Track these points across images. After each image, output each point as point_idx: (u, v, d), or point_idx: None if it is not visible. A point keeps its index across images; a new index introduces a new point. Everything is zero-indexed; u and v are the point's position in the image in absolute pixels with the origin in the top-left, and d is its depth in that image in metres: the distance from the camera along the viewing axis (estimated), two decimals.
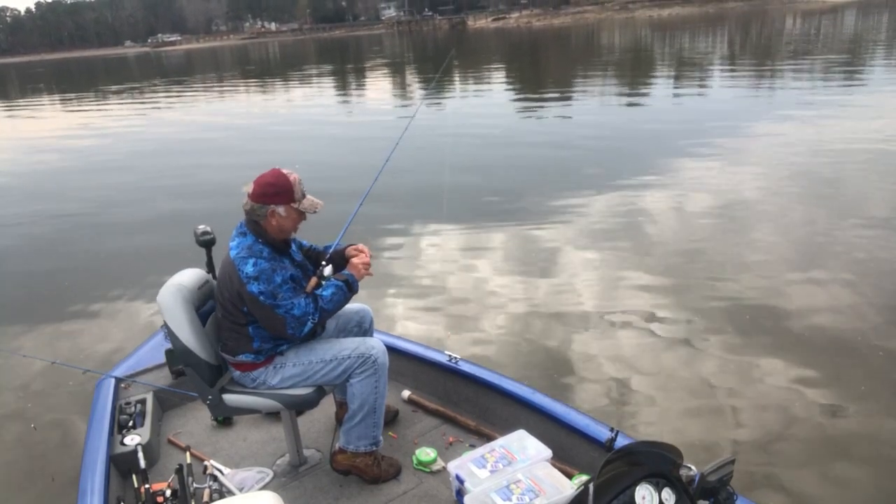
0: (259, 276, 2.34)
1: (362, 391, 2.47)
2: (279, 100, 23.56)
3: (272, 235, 2.44)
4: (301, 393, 2.49)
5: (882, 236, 5.77)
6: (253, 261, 2.36)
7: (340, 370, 2.47)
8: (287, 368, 2.49)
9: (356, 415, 2.52)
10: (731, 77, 18.66)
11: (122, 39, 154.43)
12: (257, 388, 2.52)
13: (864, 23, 37.65)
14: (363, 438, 2.56)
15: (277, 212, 2.39)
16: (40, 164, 13.02)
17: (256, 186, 2.38)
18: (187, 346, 2.44)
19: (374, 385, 2.48)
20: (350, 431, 2.56)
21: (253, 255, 2.37)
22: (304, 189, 2.43)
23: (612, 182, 8.06)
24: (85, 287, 6.00)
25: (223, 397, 2.52)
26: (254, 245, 2.40)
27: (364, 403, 2.49)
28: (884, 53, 21.76)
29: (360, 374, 2.46)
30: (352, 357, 2.46)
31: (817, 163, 8.29)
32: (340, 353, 2.47)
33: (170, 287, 2.47)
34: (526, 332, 4.50)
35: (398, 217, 7.30)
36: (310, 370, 2.48)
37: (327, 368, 2.47)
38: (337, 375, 2.48)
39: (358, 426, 2.54)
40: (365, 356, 2.46)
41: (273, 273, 2.36)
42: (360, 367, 2.46)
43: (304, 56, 55.20)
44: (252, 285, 2.34)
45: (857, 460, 3.07)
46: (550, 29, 64.06)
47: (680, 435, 3.26)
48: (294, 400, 2.50)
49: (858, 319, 4.35)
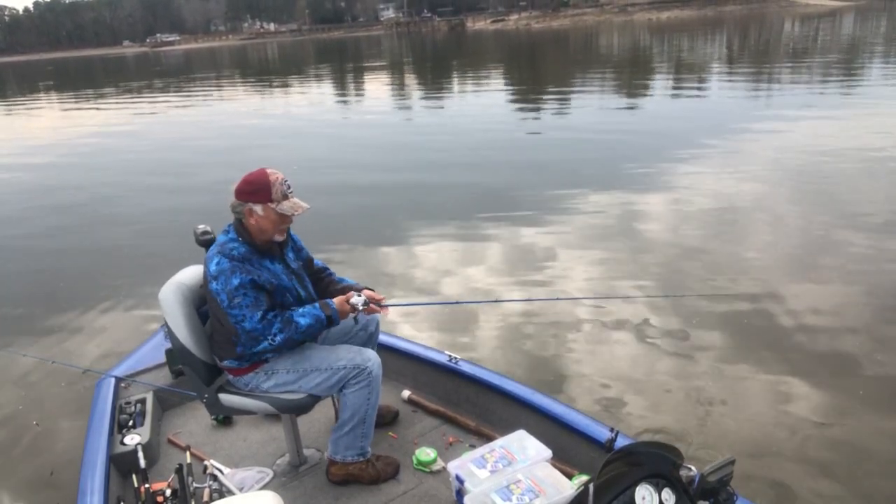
0: (218, 276, 2.30)
1: (355, 402, 2.44)
2: (279, 100, 23.56)
3: (254, 235, 2.39)
4: (294, 398, 2.47)
5: (880, 239, 5.79)
6: (217, 259, 2.32)
7: (335, 380, 2.43)
8: (280, 374, 2.47)
9: (346, 424, 2.49)
10: (729, 80, 18.69)
11: (121, 39, 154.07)
12: (251, 391, 2.51)
13: (863, 27, 37.74)
14: (350, 449, 2.54)
15: (255, 211, 2.34)
16: (38, 163, 12.99)
17: (238, 183, 2.37)
18: (185, 344, 2.44)
19: (367, 396, 2.45)
20: (338, 441, 2.54)
21: (221, 252, 2.33)
22: (287, 190, 2.36)
23: (610, 183, 8.07)
24: (85, 286, 6.00)
25: (219, 396, 2.52)
26: (228, 242, 2.36)
27: (355, 414, 2.47)
28: (881, 57, 21.82)
29: (354, 385, 2.42)
30: (347, 368, 2.42)
31: (815, 164, 8.31)
32: (336, 363, 2.42)
33: (171, 285, 2.47)
34: (525, 333, 4.50)
35: (397, 217, 7.32)
36: (304, 378, 2.45)
37: (321, 377, 2.43)
38: (331, 385, 2.44)
39: (346, 436, 2.52)
40: (360, 367, 2.41)
41: (231, 275, 2.28)
42: (354, 378, 2.42)
43: (304, 57, 55.19)
44: (212, 283, 2.31)
45: (857, 461, 3.08)
46: (549, 31, 64.12)
47: (680, 435, 3.26)
48: (287, 405, 2.48)
49: (857, 321, 4.36)
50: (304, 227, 2.56)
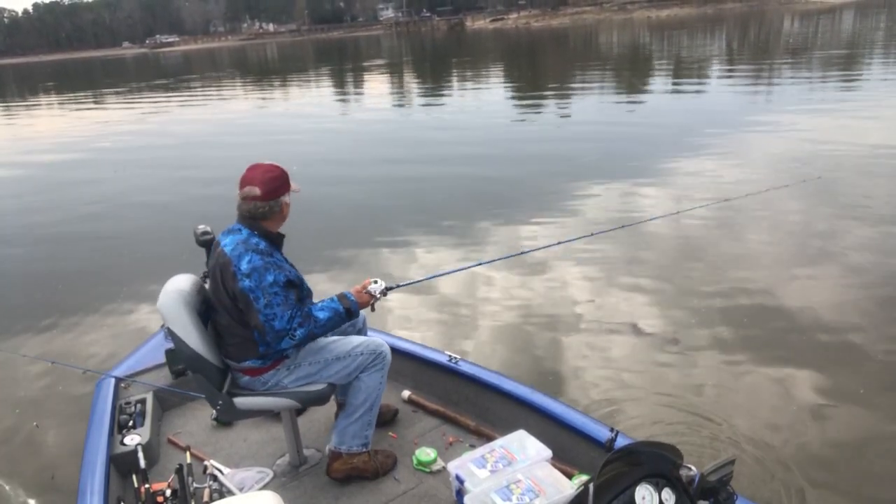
0: (251, 274, 2.30)
1: (369, 385, 2.52)
2: (279, 99, 23.56)
3: (270, 229, 2.43)
4: (315, 389, 2.50)
5: (881, 236, 5.78)
6: (248, 257, 2.32)
7: (354, 366, 2.51)
8: (303, 367, 2.50)
9: (357, 410, 2.54)
10: (729, 77, 18.69)
11: (120, 40, 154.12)
12: (270, 388, 2.50)
13: (863, 23, 37.70)
14: (357, 437, 2.56)
15: (285, 201, 2.44)
16: (37, 164, 13.00)
17: (264, 185, 2.35)
18: (196, 351, 2.37)
19: (380, 381, 2.55)
20: (346, 430, 2.56)
21: (249, 249, 2.33)
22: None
23: (609, 182, 8.07)
24: (85, 287, 6.00)
25: (234, 401, 2.47)
26: (249, 239, 2.37)
27: (367, 398, 2.53)
28: (882, 53, 21.80)
29: (371, 369, 2.52)
30: (364, 353, 2.51)
31: (815, 162, 8.30)
32: (354, 350, 2.51)
33: (170, 293, 2.40)
34: (524, 333, 4.50)
35: (395, 216, 7.32)
36: (326, 368, 2.50)
37: (341, 365, 2.50)
38: (350, 372, 2.51)
39: (355, 423, 2.55)
40: (376, 352, 2.52)
41: (265, 272, 2.30)
42: (371, 363, 2.52)
43: (304, 57, 55.19)
44: (244, 282, 2.30)
45: (857, 461, 3.08)
46: (549, 30, 64.09)
47: (680, 435, 3.26)
48: (310, 397, 2.51)
49: (858, 319, 4.35)
50: (309, 217, 2.57)
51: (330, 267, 5.89)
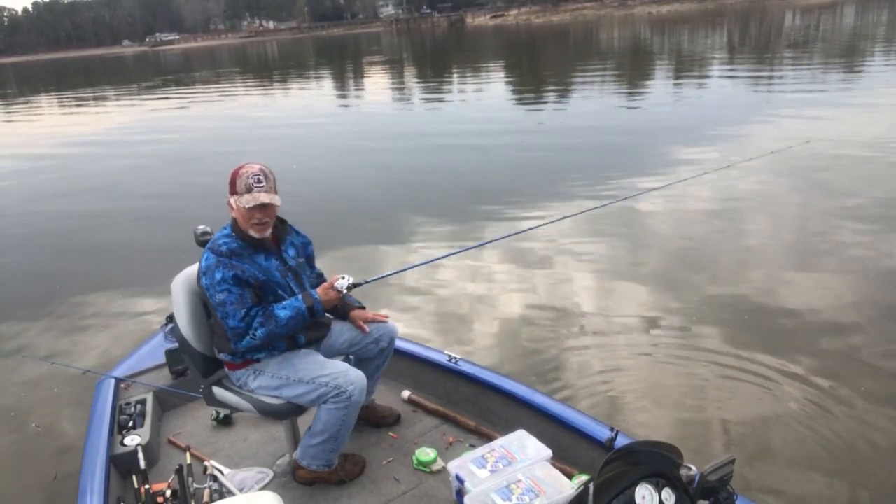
0: (206, 272, 2.33)
1: (328, 419, 2.39)
2: (281, 97, 23.54)
3: (243, 229, 2.39)
4: (274, 403, 2.46)
5: (881, 234, 5.76)
6: (206, 254, 2.35)
7: (315, 395, 2.38)
8: (265, 377, 2.45)
9: (316, 436, 2.45)
10: (730, 73, 18.63)
11: (120, 39, 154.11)
12: (240, 388, 2.53)
13: (864, 18, 37.58)
14: (317, 459, 2.51)
15: (231, 203, 2.36)
16: (37, 165, 12.99)
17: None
18: (184, 334, 2.49)
19: (342, 418, 2.39)
20: (307, 449, 2.51)
21: (211, 248, 2.36)
22: (255, 184, 2.31)
23: (609, 182, 8.05)
24: (85, 287, 5.99)
25: (213, 389, 2.57)
26: (220, 238, 2.38)
27: (326, 430, 2.42)
28: (883, 49, 21.73)
29: (332, 403, 2.36)
30: (328, 386, 2.36)
31: (816, 160, 8.28)
32: (318, 379, 2.37)
33: (182, 276, 2.52)
34: (523, 334, 4.50)
35: (394, 216, 7.31)
36: (285, 386, 2.42)
37: (302, 390, 2.39)
38: (312, 399, 2.40)
39: (315, 447, 2.48)
40: (341, 389, 2.35)
41: (215, 269, 2.29)
42: (334, 398, 2.36)
43: (304, 54, 55.13)
44: (203, 279, 2.35)
45: (857, 460, 3.07)
46: (549, 26, 63.96)
47: (680, 435, 3.25)
48: (268, 408, 2.47)
49: (858, 319, 4.34)
50: (309, 217, 2.58)
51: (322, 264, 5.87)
